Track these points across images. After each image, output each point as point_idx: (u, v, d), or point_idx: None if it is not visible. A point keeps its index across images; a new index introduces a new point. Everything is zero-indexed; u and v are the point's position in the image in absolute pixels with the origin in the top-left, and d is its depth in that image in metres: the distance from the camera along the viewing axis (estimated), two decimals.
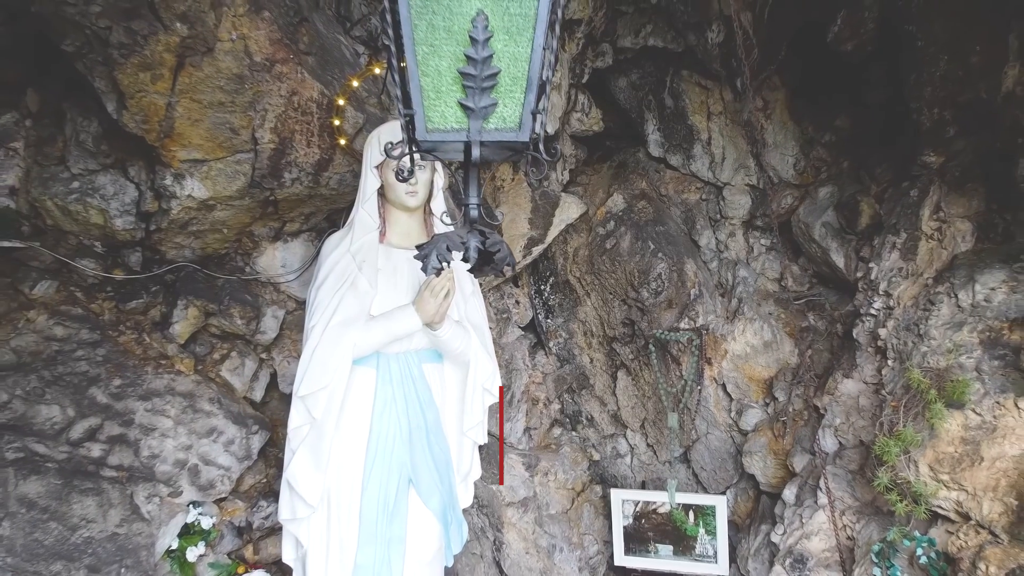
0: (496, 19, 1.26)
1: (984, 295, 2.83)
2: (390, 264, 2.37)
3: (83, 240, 2.70)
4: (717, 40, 3.74)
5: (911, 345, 2.96)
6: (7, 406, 2.45)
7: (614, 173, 4.28)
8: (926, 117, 3.18)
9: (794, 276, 3.89)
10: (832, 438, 3.28)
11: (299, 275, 2.94)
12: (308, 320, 2.32)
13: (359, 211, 2.39)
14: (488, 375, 2.48)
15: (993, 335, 2.73)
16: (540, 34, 1.28)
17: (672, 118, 4.08)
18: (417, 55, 1.28)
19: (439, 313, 2.28)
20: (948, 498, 2.59)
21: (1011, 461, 2.48)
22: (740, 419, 3.80)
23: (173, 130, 2.28)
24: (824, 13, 3.39)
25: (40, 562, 2.37)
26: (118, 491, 2.54)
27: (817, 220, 3.67)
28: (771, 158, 3.90)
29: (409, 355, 2.39)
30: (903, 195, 3.30)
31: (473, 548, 3.87)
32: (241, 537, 2.96)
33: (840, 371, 3.37)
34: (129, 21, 2.05)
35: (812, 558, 3.08)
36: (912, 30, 3.12)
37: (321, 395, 2.22)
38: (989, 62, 2.96)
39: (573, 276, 4.16)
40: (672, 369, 3.90)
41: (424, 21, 1.26)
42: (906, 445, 2.69)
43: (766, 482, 3.65)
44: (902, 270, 3.18)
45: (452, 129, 1.31)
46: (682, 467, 4.10)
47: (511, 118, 1.32)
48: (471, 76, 1.27)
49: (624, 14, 3.86)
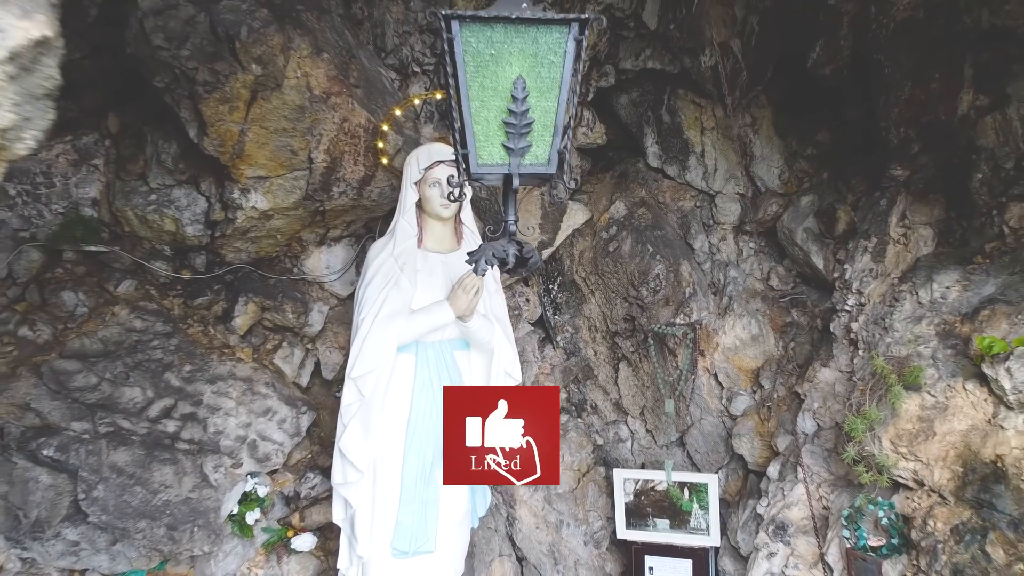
0: (531, 82, 1.67)
1: (940, 293, 3.24)
2: (427, 266, 2.78)
3: (155, 245, 3.10)
4: (709, 63, 4.15)
5: (878, 337, 3.37)
6: (98, 388, 2.86)
7: (616, 182, 4.69)
8: (893, 135, 3.59)
9: (779, 276, 4.29)
10: (811, 420, 3.68)
11: (340, 275, 3.35)
12: (357, 313, 2.73)
13: (400, 221, 2.80)
14: (510, 361, 2.89)
15: (947, 327, 3.13)
16: (564, 92, 1.69)
17: (669, 132, 4.48)
18: (471, 108, 1.69)
19: (469, 307, 2.69)
20: (906, 468, 3.00)
21: (958, 435, 2.88)
22: (730, 405, 4.21)
23: (243, 152, 2.68)
24: (804, 41, 3.79)
25: (128, 520, 2.78)
26: (190, 461, 2.95)
27: (799, 226, 4.08)
28: (758, 169, 4.31)
29: (443, 344, 2.80)
30: (874, 204, 3.71)
31: (489, 523, 4.27)
32: (289, 506, 3.37)
33: (818, 361, 3.77)
34: (213, 63, 2.45)
35: (792, 525, 3.48)
36: (880, 58, 3.52)
37: (370, 377, 2.63)
38: (947, 88, 3.37)
39: (579, 276, 4.56)
40: (669, 361, 4.31)
41: (477, 83, 1.67)
42: (871, 423, 3.09)
43: (753, 461, 4.05)
44: (872, 271, 3.59)
45: (497, 164, 1.72)
46: (678, 450, 4.49)
47: (542, 156, 1.73)
48: (512, 124, 1.68)
49: (625, 39, 4.26)
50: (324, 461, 3.39)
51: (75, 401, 2.79)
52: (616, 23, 4.11)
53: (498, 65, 1.66)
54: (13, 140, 1.02)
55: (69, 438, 2.73)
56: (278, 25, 2.52)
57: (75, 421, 2.76)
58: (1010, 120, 3.15)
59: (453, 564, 2.89)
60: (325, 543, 3.36)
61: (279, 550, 3.28)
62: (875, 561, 3.01)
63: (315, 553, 3.36)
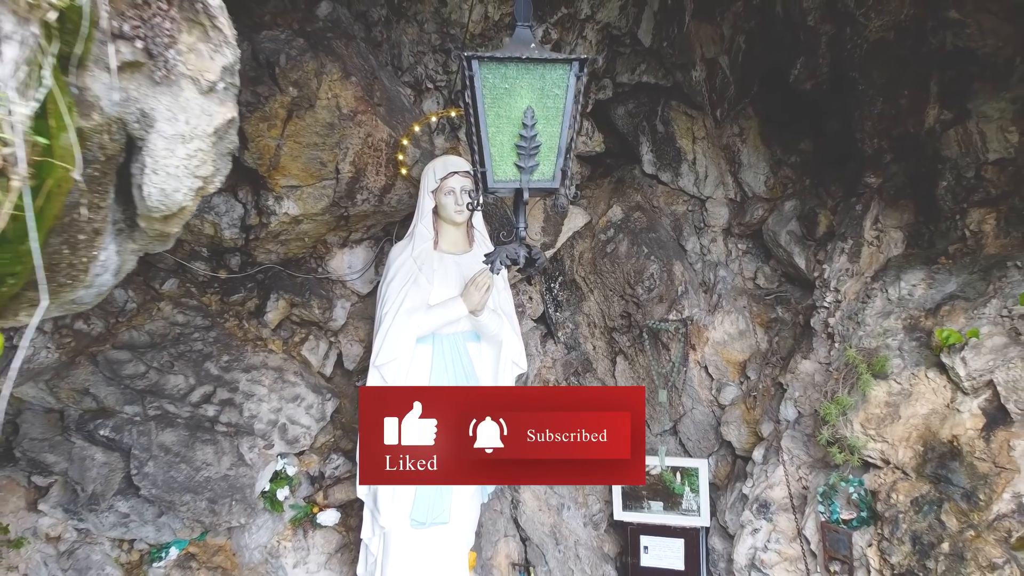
0: (539, 111, 1.99)
1: (908, 290, 3.56)
2: (442, 266, 3.10)
3: (194, 247, 3.42)
4: (700, 78, 4.47)
5: (851, 330, 3.69)
6: (146, 375, 3.18)
7: (613, 188, 5.01)
8: (868, 145, 3.92)
9: (765, 276, 4.62)
10: (792, 408, 4.00)
11: (361, 274, 3.67)
12: (380, 308, 3.05)
13: (418, 225, 3.12)
14: (517, 352, 3.21)
15: (912, 322, 3.45)
16: (567, 119, 2.02)
17: (663, 141, 4.80)
18: (488, 133, 2.00)
19: (481, 303, 3.01)
20: (874, 448, 3.31)
21: (920, 418, 3.20)
22: (719, 395, 4.53)
23: (279, 164, 3.00)
24: (786, 59, 4.11)
25: (175, 493, 3.09)
26: (228, 442, 3.27)
27: (783, 229, 4.40)
28: (746, 176, 4.63)
29: (456, 336, 3.12)
30: (851, 209, 4.03)
31: (495, 505, 4.58)
32: (314, 485, 3.68)
33: (800, 354, 4.09)
34: (255, 86, 2.77)
35: (774, 503, 3.80)
36: (855, 76, 3.84)
37: (392, 365, 2.95)
38: (915, 103, 3.69)
39: (579, 275, 4.88)
40: (662, 354, 4.63)
41: (493, 112, 1.99)
42: (843, 408, 3.41)
43: (740, 447, 4.37)
44: (848, 270, 3.91)
45: (510, 180, 2.04)
46: (671, 438, 4.81)
47: (548, 173, 2.05)
48: (523, 147, 2.00)
49: (622, 55, 4.59)
50: (346, 445, 3.71)
51: (127, 387, 3.11)
52: (613, 40, 4.43)
53: (511, 97, 1.98)
54: (209, 183, 1.52)
55: (122, 420, 3.05)
56: (312, 53, 2.84)
57: (127, 405, 3.08)
58: (971, 133, 3.47)
59: (465, 534, 3.21)
60: (346, 519, 3.68)
61: (305, 525, 3.60)
62: (846, 532, 3.33)
63: (337, 528, 3.68)
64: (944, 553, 2.89)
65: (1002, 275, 3.22)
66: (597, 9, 4.20)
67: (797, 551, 3.66)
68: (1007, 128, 3.36)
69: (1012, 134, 3.34)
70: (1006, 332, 3.06)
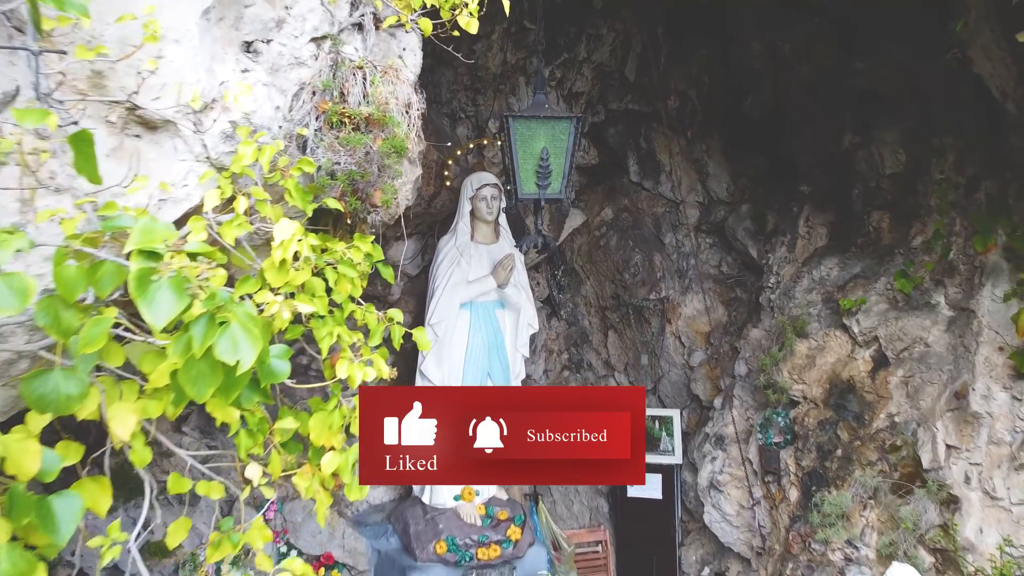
0: (551, 149, 3.13)
1: (826, 272, 4.69)
2: (477, 252, 4.24)
3: None
4: (674, 106, 5.61)
5: (785, 303, 4.83)
6: None
7: (606, 193, 6.15)
8: (802, 162, 5.05)
9: (728, 264, 5.75)
10: (743, 365, 5.13)
11: (412, 260, 4.81)
12: (432, 282, 4.19)
13: (459, 223, 4.26)
14: (531, 316, 4.36)
15: (828, 295, 4.58)
16: (569, 153, 3.16)
17: (646, 156, 5.94)
18: (519, 162, 3.14)
19: (506, 280, 4.14)
20: (797, 389, 4.45)
21: (829, 365, 4.34)
22: (690, 359, 5.67)
23: None
24: (741, 94, 5.25)
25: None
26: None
27: (740, 226, 5.53)
28: (712, 184, 5.76)
29: (488, 304, 4.26)
30: (789, 211, 5.16)
31: None
32: None
33: (751, 324, 5.22)
34: None
35: (727, 438, 4.94)
36: (792, 108, 4.98)
37: (443, 323, 4.09)
38: (835, 130, 4.82)
39: (577, 264, 6.02)
40: (645, 327, 5.77)
41: (522, 150, 3.13)
42: (775, 360, 4.55)
43: (705, 399, 5.51)
44: (786, 258, 5.04)
45: (532, 193, 3.17)
46: (653, 397, 5.95)
47: (556, 188, 3.19)
48: (540, 173, 3.14)
49: (612, 86, 5.71)
50: None
51: None
52: (605, 75, 5.57)
53: (533, 140, 3.12)
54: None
55: None
56: None
57: None
58: (873, 154, 4.60)
59: None
60: None
61: None
62: (776, 452, 4.47)
63: None
64: (838, 456, 4.03)
65: (890, 259, 4.36)
66: (592, 52, 5.33)
67: (743, 471, 4.80)
68: (898, 150, 4.48)
69: (901, 155, 4.47)
70: (888, 300, 4.20)
